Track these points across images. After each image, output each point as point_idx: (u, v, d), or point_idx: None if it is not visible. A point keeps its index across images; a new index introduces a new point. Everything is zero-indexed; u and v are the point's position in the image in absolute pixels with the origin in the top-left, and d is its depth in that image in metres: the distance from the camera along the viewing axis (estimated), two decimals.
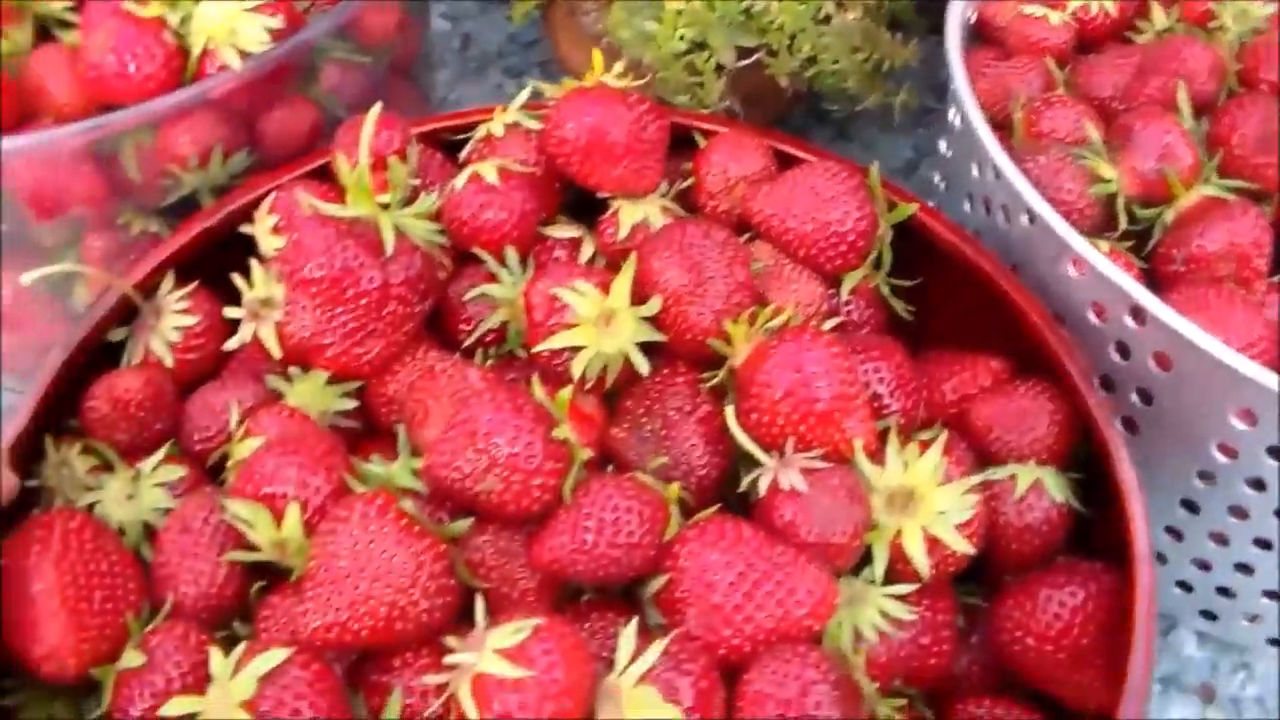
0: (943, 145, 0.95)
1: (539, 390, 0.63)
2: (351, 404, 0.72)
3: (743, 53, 0.96)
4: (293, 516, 0.60)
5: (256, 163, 0.88)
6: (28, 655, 0.59)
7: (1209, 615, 0.85)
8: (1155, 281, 0.80)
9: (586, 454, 0.63)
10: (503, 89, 1.26)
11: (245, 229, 0.78)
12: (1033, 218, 0.76)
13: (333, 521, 0.58)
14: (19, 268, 0.84)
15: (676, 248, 0.69)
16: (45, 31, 0.90)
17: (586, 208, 0.79)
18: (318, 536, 0.59)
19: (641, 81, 0.78)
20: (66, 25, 0.90)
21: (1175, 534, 0.79)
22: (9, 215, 0.83)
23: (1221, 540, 0.77)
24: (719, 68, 0.95)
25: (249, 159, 0.87)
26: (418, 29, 1.04)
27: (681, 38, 0.94)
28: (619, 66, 0.77)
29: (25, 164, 0.81)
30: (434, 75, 1.14)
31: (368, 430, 0.73)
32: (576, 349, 0.67)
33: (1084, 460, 0.72)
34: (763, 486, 0.64)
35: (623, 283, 0.67)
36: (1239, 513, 0.74)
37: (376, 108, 0.72)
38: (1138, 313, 0.71)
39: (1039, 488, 0.69)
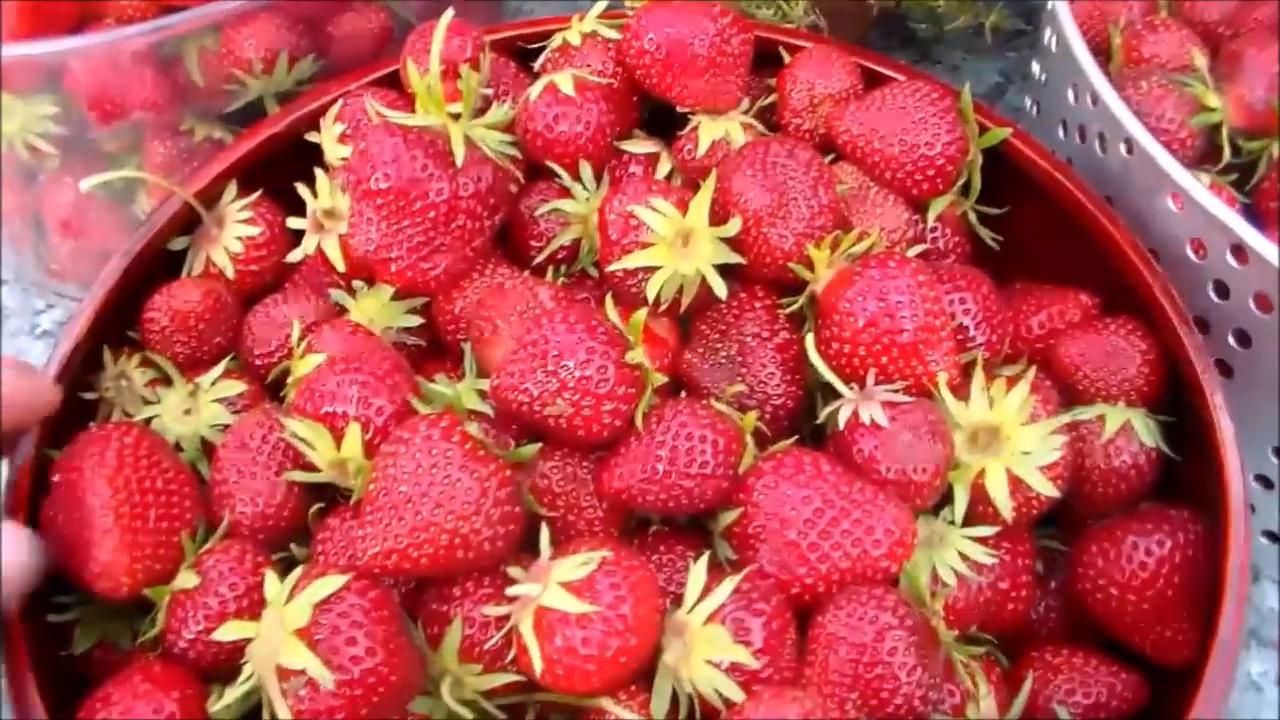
0: (1035, 68, 0.91)
1: (612, 311, 0.61)
2: (417, 320, 0.70)
3: None
4: (353, 437, 0.58)
5: (323, 69, 0.86)
6: (81, 572, 0.58)
7: None
8: (1258, 218, 0.76)
9: (660, 379, 0.61)
10: (578, 2, 1.21)
11: (311, 137, 0.76)
12: (1131, 147, 0.72)
13: (394, 443, 0.56)
14: (80, 173, 0.82)
15: (759, 167, 0.66)
16: None
17: (665, 122, 0.77)
18: (378, 458, 0.56)
19: None
20: None
21: (1265, 482, 0.76)
22: (70, 119, 0.81)
23: None
24: None
25: (316, 65, 0.85)
26: None
27: None
28: None
29: (86, 66, 0.79)
30: None
31: (434, 348, 0.71)
32: (652, 269, 0.64)
33: (1175, 402, 0.69)
34: (842, 419, 0.62)
35: (701, 202, 0.65)
36: None
37: (448, 14, 0.70)
38: (1239, 251, 0.67)
39: (1128, 430, 0.67)
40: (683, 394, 0.65)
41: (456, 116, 0.68)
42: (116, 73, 0.80)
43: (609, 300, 0.62)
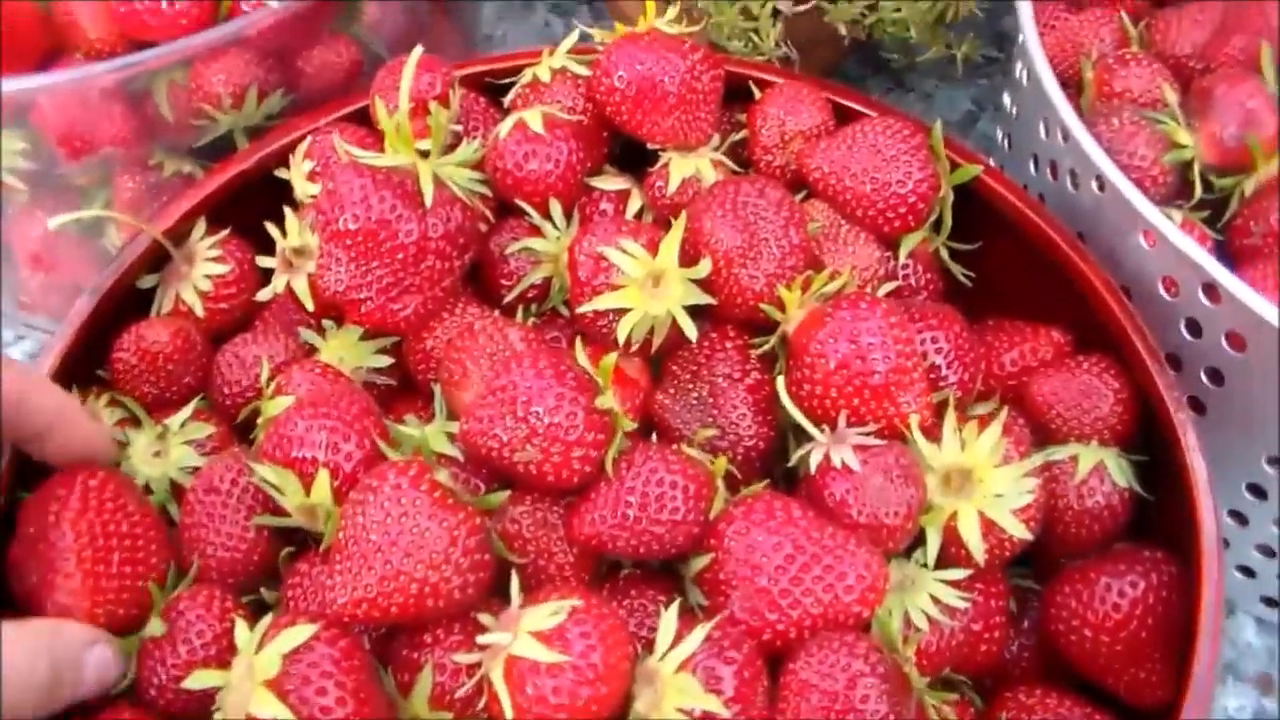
0: (1006, 100, 0.91)
1: (582, 355, 0.60)
2: (386, 361, 0.70)
3: None
4: (322, 483, 0.58)
5: (293, 103, 0.85)
6: (44, 615, 0.57)
7: (1271, 602, 0.82)
8: (1230, 255, 0.76)
9: (629, 425, 0.60)
10: (550, 28, 1.22)
11: (281, 173, 0.75)
12: (1103, 184, 0.72)
13: (363, 491, 0.55)
14: (50, 207, 0.82)
15: (730, 207, 0.66)
16: None
17: (635, 157, 0.76)
18: (347, 506, 0.56)
19: (696, 28, 0.75)
20: None
21: (1240, 518, 0.76)
22: (38, 155, 0.80)
23: None
24: (775, 13, 0.92)
25: (285, 99, 0.85)
26: None
27: None
28: (672, 11, 0.74)
29: (55, 103, 0.79)
30: (478, 11, 1.10)
31: (404, 386, 0.71)
32: (622, 311, 0.64)
33: (1147, 438, 0.69)
34: (813, 463, 0.61)
35: (672, 243, 0.64)
36: None
37: (418, 50, 0.69)
38: (1211, 289, 0.67)
39: (1101, 471, 0.67)
40: (653, 436, 0.65)
41: (425, 154, 0.67)
42: (86, 109, 0.79)
43: (579, 343, 0.62)
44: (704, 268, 0.65)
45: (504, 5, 1.24)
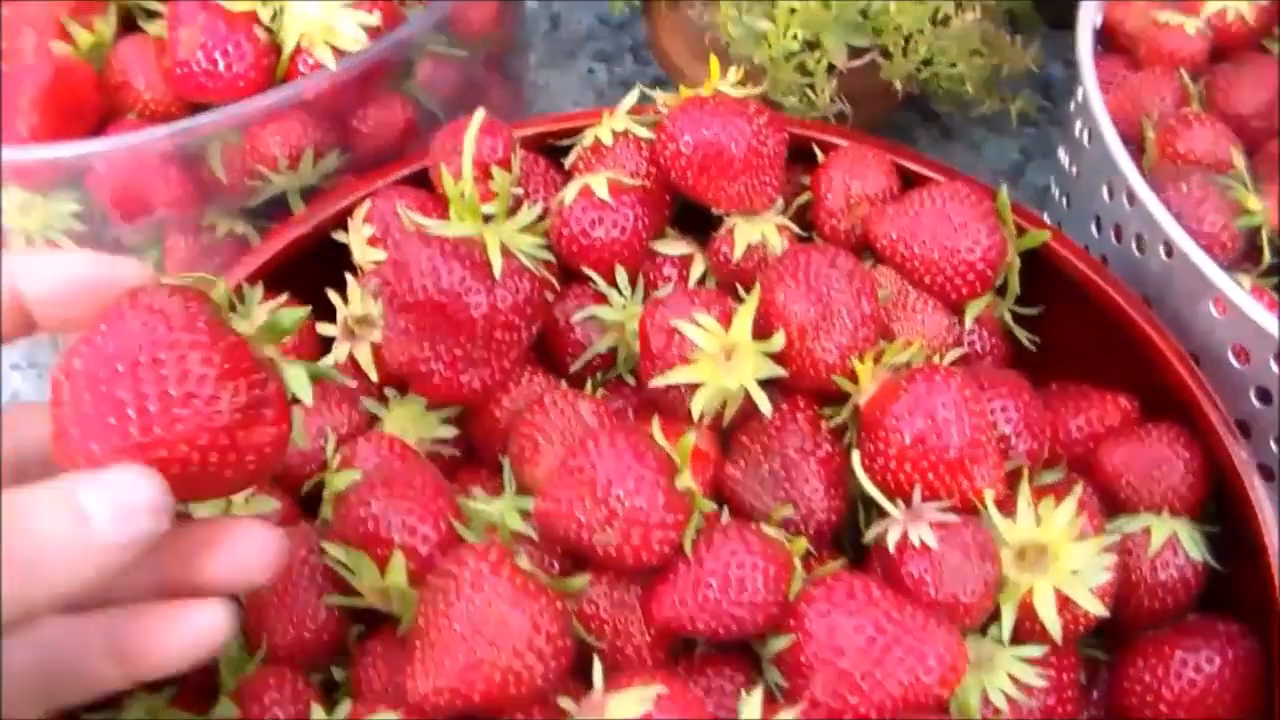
0: (1063, 157, 0.91)
1: (659, 434, 0.60)
2: (452, 432, 0.69)
3: (855, 53, 0.92)
4: (397, 566, 0.57)
5: (348, 162, 0.85)
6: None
7: None
8: None
9: (709, 506, 0.60)
10: (594, 75, 1.22)
11: (338, 236, 0.75)
12: (1171, 250, 0.72)
13: (443, 577, 0.55)
14: None
15: (802, 278, 0.65)
16: (129, 19, 0.88)
17: (694, 215, 0.76)
18: (427, 591, 0.55)
19: (758, 90, 0.75)
20: (152, 15, 0.87)
21: None
22: (91, 217, 0.80)
23: None
24: (831, 68, 0.91)
25: (341, 159, 0.84)
26: (515, 17, 1.01)
27: (795, 37, 0.90)
28: (734, 72, 0.74)
29: (110, 167, 0.78)
30: (526, 64, 1.10)
31: (468, 455, 0.70)
32: (695, 385, 0.63)
33: (1217, 507, 0.68)
34: (891, 541, 0.61)
35: (745, 316, 0.64)
36: None
37: (479, 114, 0.69)
38: None
39: (1174, 543, 0.66)
40: (724, 509, 0.64)
41: (489, 218, 0.67)
42: (140, 172, 0.79)
43: (656, 423, 0.61)
44: (778, 341, 0.64)
45: (547, 52, 1.24)
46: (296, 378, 0.48)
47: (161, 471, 0.43)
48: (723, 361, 0.64)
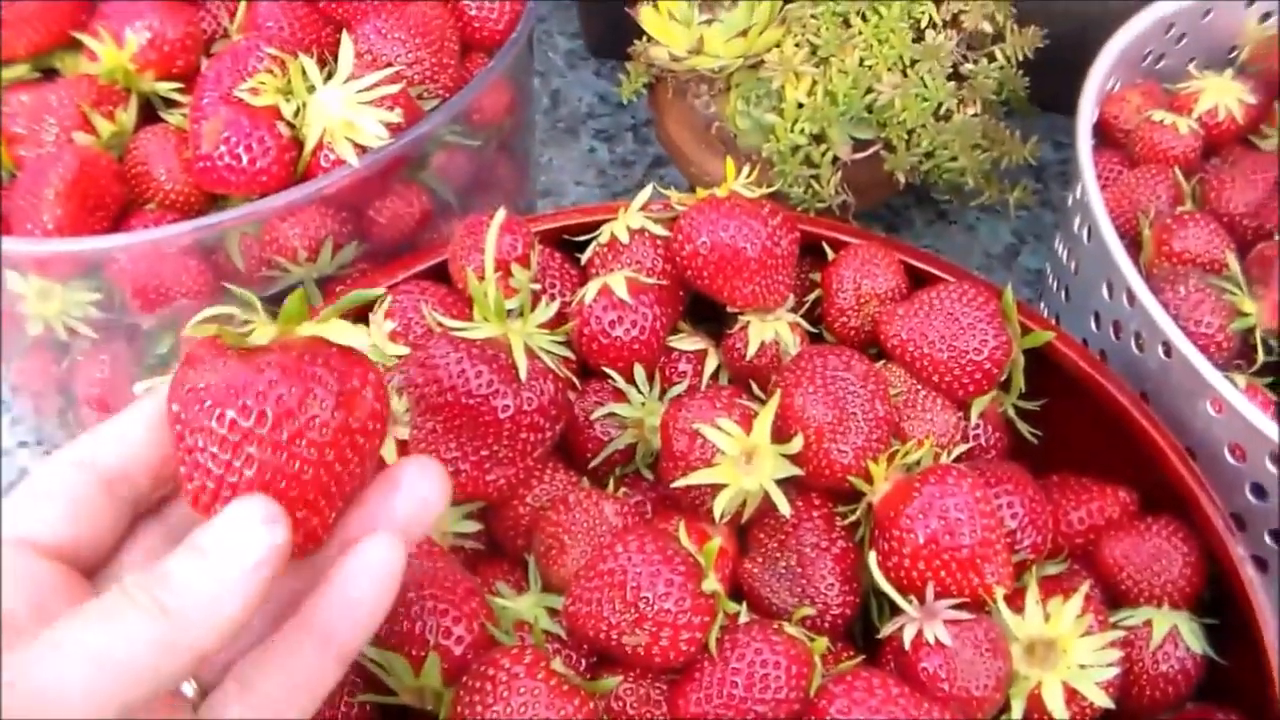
0: (1061, 249, 0.93)
1: (685, 537, 0.62)
2: (475, 527, 0.70)
3: (859, 145, 0.94)
4: (433, 666, 0.59)
5: (365, 251, 0.86)
6: None
7: None
8: None
9: (733, 607, 0.62)
10: (595, 153, 1.25)
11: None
12: (1169, 350, 0.74)
13: (479, 679, 0.56)
14: (113, 351, 0.83)
15: (820, 382, 0.67)
16: (148, 108, 0.89)
17: (705, 307, 0.79)
18: (463, 692, 0.57)
19: (771, 188, 0.77)
20: (171, 104, 0.88)
21: None
22: (111, 305, 0.82)
23: None
24: (835, 160, 0.94)
25: (358, 249, 0.86)
26: (526, 105, 1.02)
27: (802, 131, 0.92)
28: (748, 172, 0.76)
29: (131, 259, 0.80)
30: (533, 149, 1.12)
31: (490, 548, 0.72)
32: (716, 485, 0.65)
33: (1214, 598, 0.71)
34: (907, 638, 0.63)
35: (765, 420, 0.66)
36: None
37: (500, 214, 0.71)
38: (1278, 457, 0.69)
39: (1175, 636, 0.68)
40: (743, 606, 0.66)
41: (510, 312, 0.69)
42: (161, 264, 0.80)
43: (681, 526, 0.63)
44: (796, 444, 0.66)
45: (549, 131, 1.26)
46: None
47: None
48: (743, 464, 0.66)
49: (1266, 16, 1.00)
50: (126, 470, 0.48)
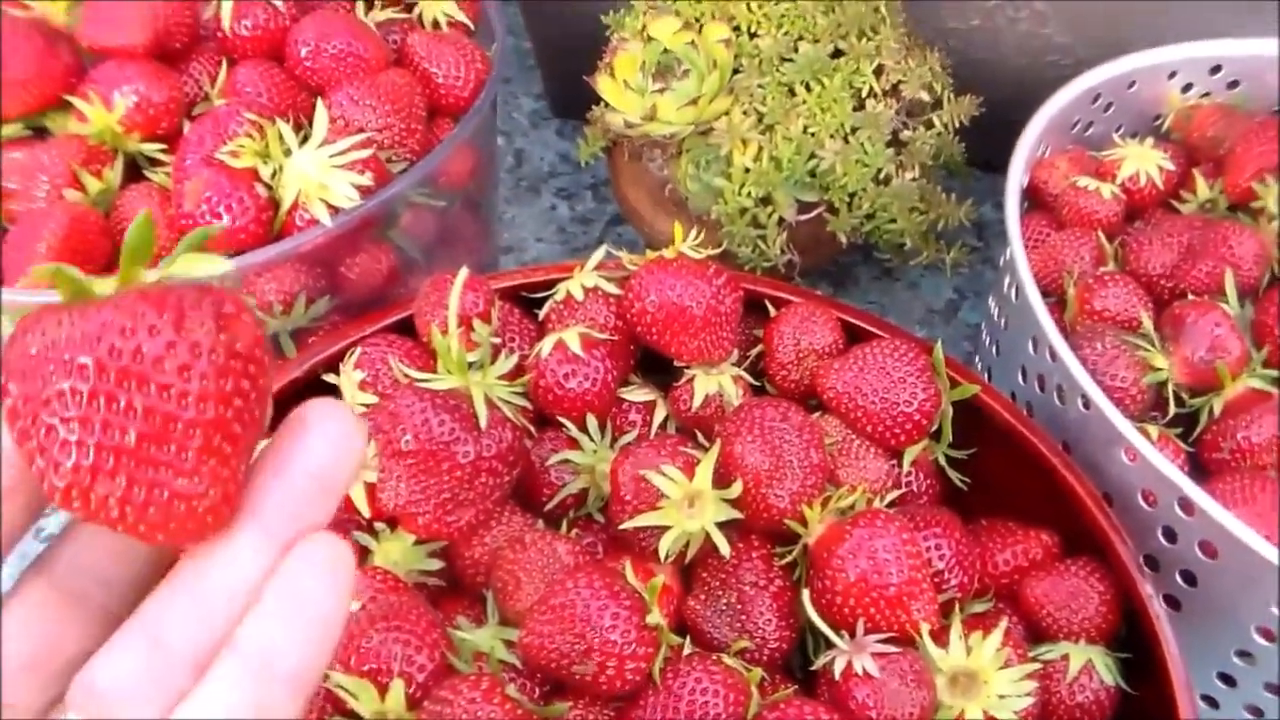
0: (993, 307, 0.99)
1: (631, 575, 0.67)
2: (437, 565, 0.75)
3: (804, 208, 1.00)
4: (397, 692, 0.63)
5: (336, 305, 0.91)
6: None
7: None
8: (1200, 465, 0.84)
9: (675, 640, 0.67)
10: (556, 210, 1.29)
11: (328, 378, 0.81)
12: (1088, 403, 0.79)
13: (439, 703, 0.61)
14: None
15: (758, 431, 0.72)
16: (133, 166, 0.94)
17: (654, 358, 0.83)
18: (426, 716, 0.61)
19: (718, 250, 0.82)
20: (156, 164, 0.93)
21: (1211, 701, 0.83)
22: None
23: (1257, 713, 0.81)
24: (781, 221, 0.99)
25: (330, 303, 0.90)
26: (489, 167, 1.07)
27: (749, 194, 0.97)
28: (696, 233, 0.81)
29: None
30: (496, 207, 1.17)
31: (451, 585, 0.76)
32: (662, 528, 0.70)
33: (1128, 634, 0.76)
34: (837, 669, 0.67)
35: (707, 467, 0.71)
36: (1276, 689, 0.78)
37: (464, 272, 0.76)
38: (1186, 504, 0.74)
39: (1090, 669, 0.73)
40: (687, 639, 0.71)
41: (472, 365, 0.74)
42: None
43: (628, 565, 0.68)
44: (736, 489, 0.71)
45: (513, 189, 1.31)
46: None
47: None
48: (686, 507, 0.71)
49: (1188, 88, 1.06)
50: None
